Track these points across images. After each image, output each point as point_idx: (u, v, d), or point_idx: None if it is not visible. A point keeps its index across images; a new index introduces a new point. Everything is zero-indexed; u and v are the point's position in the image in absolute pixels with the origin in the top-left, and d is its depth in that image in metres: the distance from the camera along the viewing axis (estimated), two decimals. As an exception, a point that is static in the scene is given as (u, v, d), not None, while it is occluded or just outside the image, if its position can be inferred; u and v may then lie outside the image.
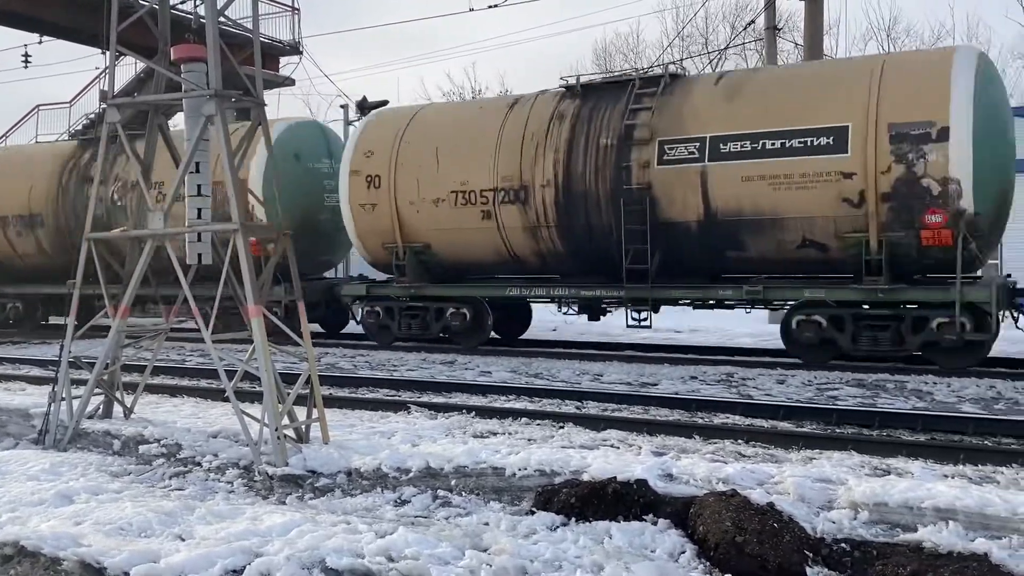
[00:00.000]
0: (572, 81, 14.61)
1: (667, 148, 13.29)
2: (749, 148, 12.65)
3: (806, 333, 12.69)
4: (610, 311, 15.47)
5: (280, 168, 15.96)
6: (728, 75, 14.26)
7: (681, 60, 35.33)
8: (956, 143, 11.59)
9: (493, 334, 16.52)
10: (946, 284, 11.97)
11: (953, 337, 11.79)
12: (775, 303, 13.58)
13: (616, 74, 16.56)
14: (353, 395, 10.89)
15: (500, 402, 10.32)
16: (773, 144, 12.50)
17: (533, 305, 17.36)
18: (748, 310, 14.58)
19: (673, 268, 13.57)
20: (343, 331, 19.17)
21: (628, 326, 14.63)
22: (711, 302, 13.82)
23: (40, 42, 25.44)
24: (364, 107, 18.11)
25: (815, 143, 12.27)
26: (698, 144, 13.07)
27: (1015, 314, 12.49)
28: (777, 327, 15.70)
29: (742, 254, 13.07)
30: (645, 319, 14.07)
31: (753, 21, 27.03)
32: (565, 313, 15.81)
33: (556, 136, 14.37)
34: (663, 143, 13.32)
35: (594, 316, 15.73)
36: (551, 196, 14.31)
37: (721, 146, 12.81)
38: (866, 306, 12.56)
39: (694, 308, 14.87)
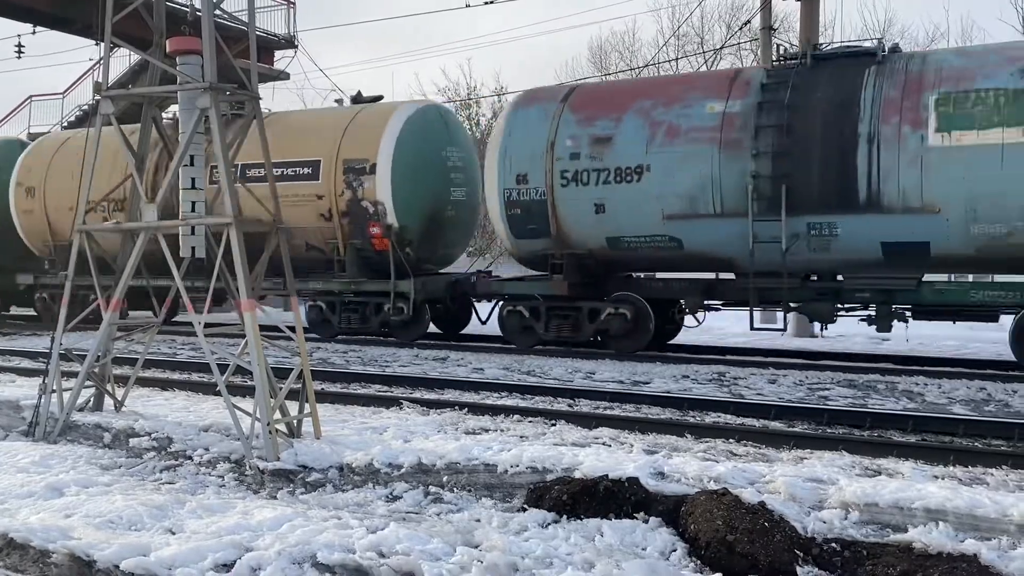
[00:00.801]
0: None
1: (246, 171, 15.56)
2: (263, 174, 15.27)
3: (311, 316, 16.79)
4: None
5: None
6: (267, 115, 15.71)
7: (677, 59, 35.36)
8: (380, 175, 15.75)
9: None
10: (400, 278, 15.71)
11: (399, 319, 15.84)
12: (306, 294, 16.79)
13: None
14: (345, 390, 10.88)
15: (492, 399, 10.31)
16: (279, 171, 15.73)
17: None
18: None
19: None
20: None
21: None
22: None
23: (34, 32, 25.32)
24: (358, 102, 17.98)
25: (302, 172, 16.45)
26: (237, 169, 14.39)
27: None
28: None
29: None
30: None
31: (749, 21, 27.06)
32: None
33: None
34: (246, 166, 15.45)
35: None
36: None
37: (248, 171, 15.53)
38: (350, 294, 16.42)
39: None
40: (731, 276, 13.82)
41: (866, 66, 12.56)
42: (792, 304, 13.14)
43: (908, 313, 12.70)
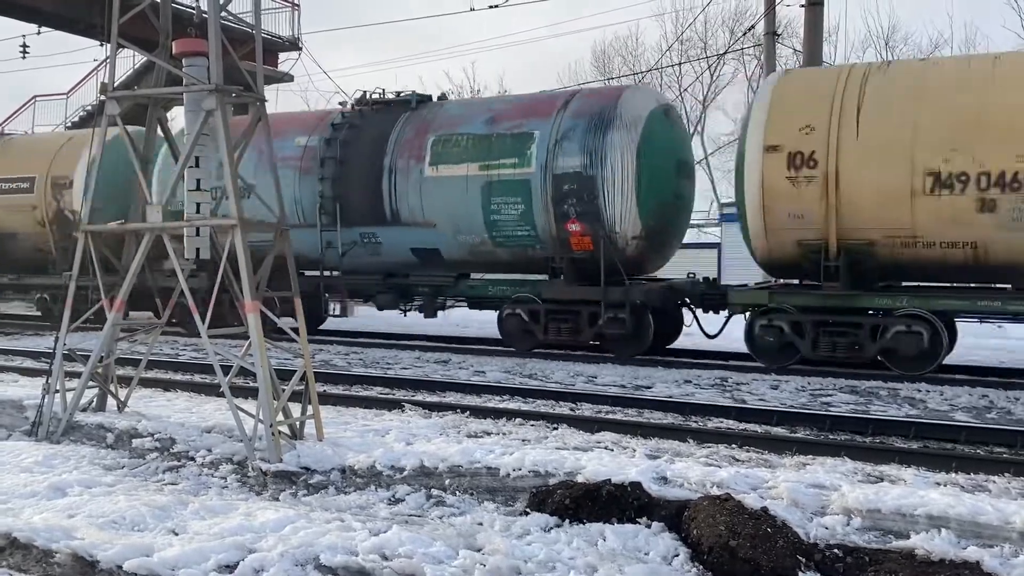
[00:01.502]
0: None
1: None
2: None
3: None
4: None
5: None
6: None
7: (680, 64, 35.42)
8: (75, 191, 18.34)
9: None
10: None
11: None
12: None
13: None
14: (347, 392, 10.88)
15: (494, 402, 10.32)
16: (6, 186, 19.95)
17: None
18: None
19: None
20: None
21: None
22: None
23: (39, 32, 25.38)
24: (362, 104, 17.98)
25: (22, 187, 19.77)
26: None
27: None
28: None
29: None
30: None
31: (753, 26, 27.11)
32: None
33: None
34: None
35: None
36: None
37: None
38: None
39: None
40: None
41: (401, 112, 16.02)
42: (374, 296, 16.46)
43: (450, 302, 17.00)
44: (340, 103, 19.31)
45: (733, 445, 7.99)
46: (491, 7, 21.32)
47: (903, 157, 11.93)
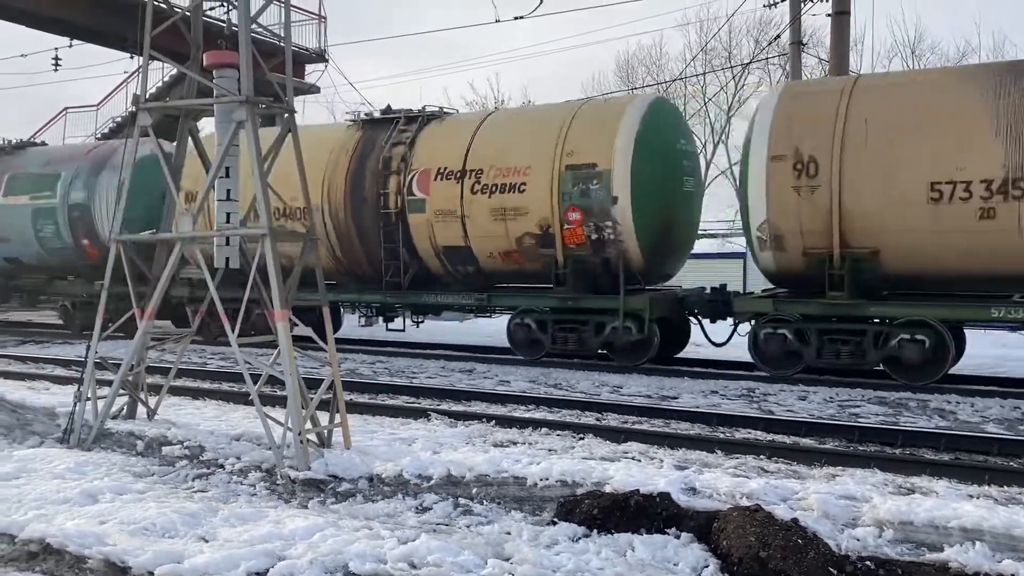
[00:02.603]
0: None
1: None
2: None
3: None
4: None
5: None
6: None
7: (704, 74, 35.35)
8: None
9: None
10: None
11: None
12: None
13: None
14: (373, 401, 10.93)
15: (520, 412, 10.32)
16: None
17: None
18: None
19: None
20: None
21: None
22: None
23: (71, 45, 25.75)
24: (388, 116, 18.11)
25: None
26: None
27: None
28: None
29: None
30: None
31: (779, 36, 27.02)
32: None
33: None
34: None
35: None
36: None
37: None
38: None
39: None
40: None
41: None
42: None
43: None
44: (366, 114, 19.46)
45: (762, 456, 7.94)
46: (516, 18, 21.38)
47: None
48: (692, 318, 14.80)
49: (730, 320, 14.08)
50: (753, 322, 13.25)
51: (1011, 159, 11.19)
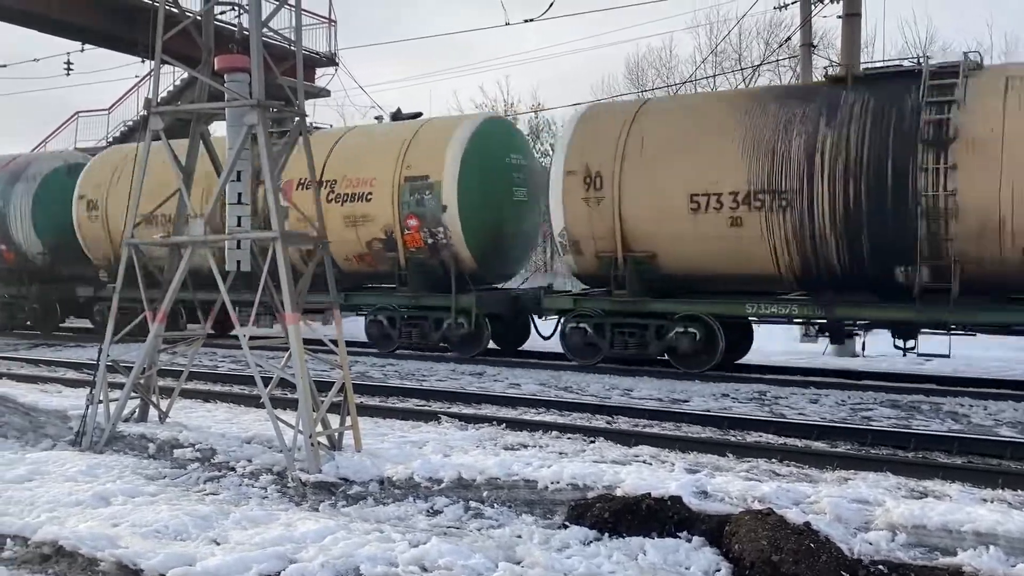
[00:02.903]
0: None
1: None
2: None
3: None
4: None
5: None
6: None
7: (715, 76, 35.27)
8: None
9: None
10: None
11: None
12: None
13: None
14: (384, 404, 10.94)
15: (530, 415, 10.31)
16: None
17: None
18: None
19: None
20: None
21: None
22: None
23: (82, 50, 25.87)
24: (398, 119, 18.17)
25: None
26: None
27: None
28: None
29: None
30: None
31: (789, 38, 26.94)
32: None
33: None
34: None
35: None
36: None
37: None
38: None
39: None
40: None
41: None
42: None
43: None
44: (376, 117, 19.48)
45: (773, 459, 7.92)
46: (526, 21, 21.36)
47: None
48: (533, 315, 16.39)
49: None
50: (562, 318, 14.97)
51: (753, 174, 12.82)
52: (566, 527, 5.99)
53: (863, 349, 14.27)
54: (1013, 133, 11.43)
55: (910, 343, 12.87)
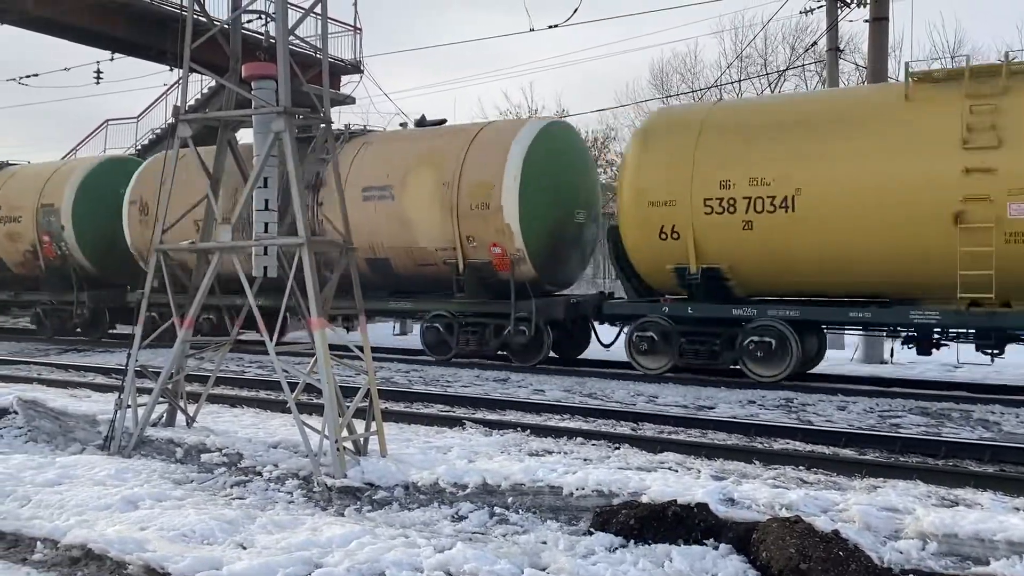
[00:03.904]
0: None
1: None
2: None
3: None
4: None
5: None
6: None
7: (740, 81, 35.11)
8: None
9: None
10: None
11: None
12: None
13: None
14: (408, 409, 10.95)
15: (555, 421, 10.28)
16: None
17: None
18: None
19: None
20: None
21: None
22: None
23: (112, 59, 26.22)
24: (422, 125, 18.24)
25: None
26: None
27: None
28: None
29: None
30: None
31: (815, 43, 26.78)
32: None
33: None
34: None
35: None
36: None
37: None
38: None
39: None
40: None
41: None
42: None
43: None
44: (401, 124, 19.56)
45: (801, 467, 7.84)
46: (550, 27, 21.40)
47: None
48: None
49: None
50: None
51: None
52: (591, 533, 5.96)
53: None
54: None
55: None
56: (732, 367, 13.68)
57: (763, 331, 13.00)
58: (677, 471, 7.46)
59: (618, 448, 8.60)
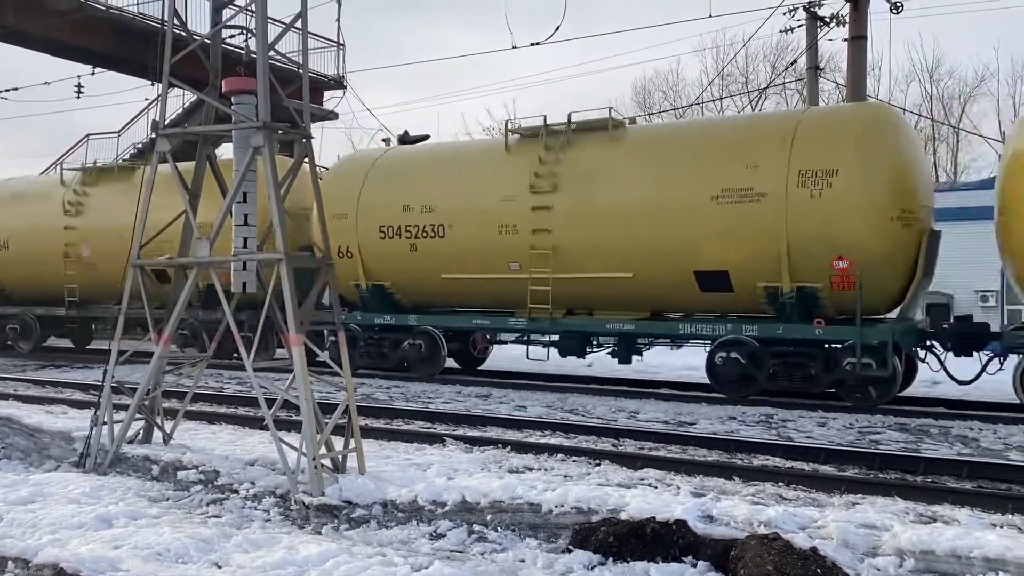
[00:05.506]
0: None
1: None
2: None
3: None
4: None
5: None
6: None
7: (721, 99, 35.39)
8: None
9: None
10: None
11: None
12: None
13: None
14: (389, 426, 10.90)
15: (536, 437, 10.26)
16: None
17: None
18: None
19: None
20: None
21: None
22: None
23: (93, 73, 26.11)
24: (406, 141, 18.26)
25: None
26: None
27: None
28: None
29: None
30: None
31: (795, 61, 27.04)
32: None
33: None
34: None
35: None
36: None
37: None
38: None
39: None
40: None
41: None
42: None
43: None
44: (383, 140, 19.57)
45: (780, 483, 7.85)
46: (533, 44, 21.53)
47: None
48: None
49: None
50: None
51: None
52: (570, 551, 5.94)
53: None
54: None
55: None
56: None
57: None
58: (657, 488, 7.45)
59: (599, 464, 8.58)
